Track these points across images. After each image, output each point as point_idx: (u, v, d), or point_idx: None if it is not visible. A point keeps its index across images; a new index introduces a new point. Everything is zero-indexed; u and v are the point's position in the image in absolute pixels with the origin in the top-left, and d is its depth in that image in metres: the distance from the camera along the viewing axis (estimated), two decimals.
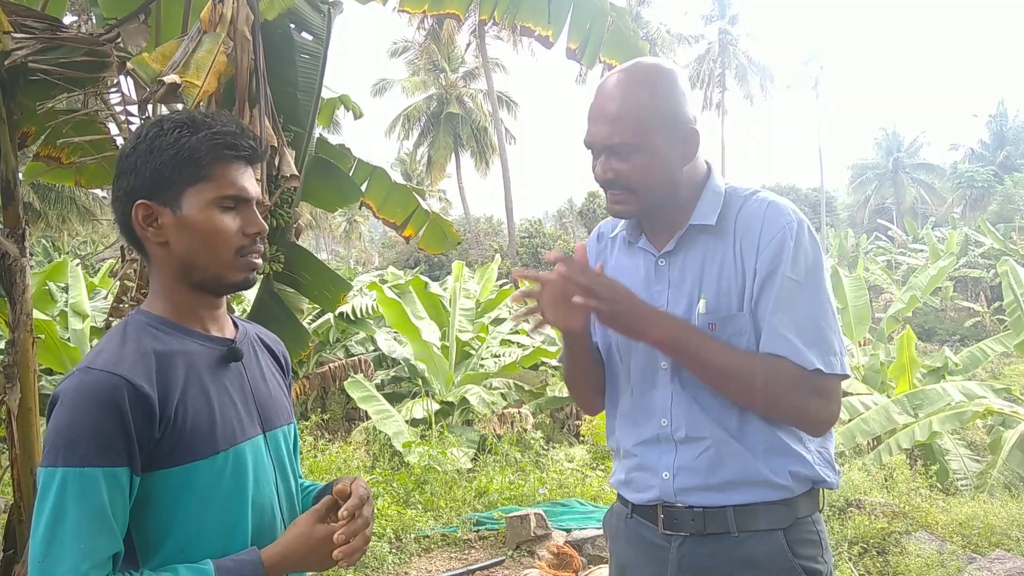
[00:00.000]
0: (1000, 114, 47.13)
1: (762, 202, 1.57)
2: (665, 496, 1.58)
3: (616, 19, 3.95)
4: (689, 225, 1.58)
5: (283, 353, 1.53)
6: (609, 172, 1.55)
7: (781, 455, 1.53)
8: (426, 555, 5.01)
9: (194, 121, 1.26)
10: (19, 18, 2.89)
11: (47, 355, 8.88)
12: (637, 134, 1.50)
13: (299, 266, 3.47)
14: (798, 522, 1.54)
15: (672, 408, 1.59)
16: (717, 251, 1.56)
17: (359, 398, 9.61)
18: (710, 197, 1.59)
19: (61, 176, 3.76)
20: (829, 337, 1.49)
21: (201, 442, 1.20)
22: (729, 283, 1.53)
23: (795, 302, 1.49)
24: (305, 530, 1.26)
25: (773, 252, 1.50)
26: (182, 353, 1.24)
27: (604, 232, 1.83)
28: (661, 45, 41.76)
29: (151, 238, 1.25)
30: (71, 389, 1.14)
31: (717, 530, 1.54)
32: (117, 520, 1.13)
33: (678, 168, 1.56)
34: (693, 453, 1.56)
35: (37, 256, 19.36)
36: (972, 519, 5.40)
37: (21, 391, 3.05)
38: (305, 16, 3.27)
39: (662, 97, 1.52)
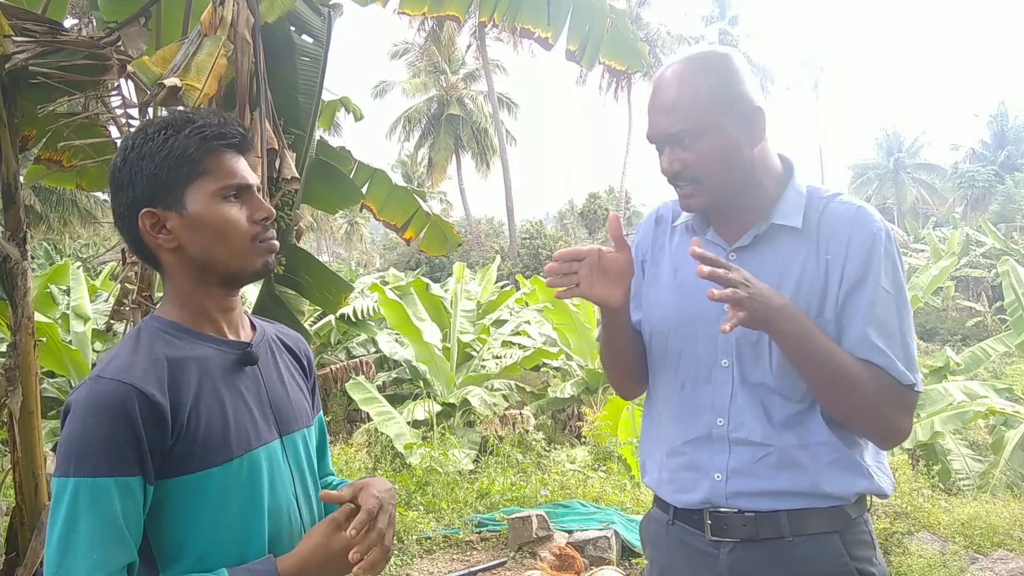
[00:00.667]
0: (1001, 114, 47.06)
1: (850, 206, 1.50)
2: (715, 498, 1.50)
3: (616, 20, 3.95)
4: (771, 223, 1.51)
5: (304, 351, 1.49)
6: (675, 163, 1.49)
7: (846, 470, 1.46)
8: (428, 557, 5.00)
9: (177, 121, 1.24)
10: (20, 22, 2.90)
11: (49, 358, 8.88)
12: (698, 118, 1.44)
13: (300, 268, 3.47)
14: (852, 523, 1.48)
15: (731, 408, 1.51)
16: (798, 253, 1.49)
17: (360, 400, 9.61)
18: (793, 197, 1.52)
19: (62, 179, 3.77)
20: (914, 355, 1.46)
21: (215, 449, 1.19)
22: (810, 287, 1.47)
23: (888, 314, 1.44)
24: (323, 540, 1.23)
25: (863, 259, 1.44)
26: (195, 359, 1.22)
27: (664, 216, 1.73)
28: (661, 46, 41.73)
29: (163, 245, 1.23)
30: (82, 399, 1.13)
31: (770, 535, 1.47)
32: (131, 530, 1.12)
33: (747, 150, 1.48)
34: (750, 457, 1.49)
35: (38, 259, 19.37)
36: (974, 519, 5.39)
37: (23, 394, 3.05)
38: (305, 19, 3.28)
39: (719, 78, 1.46)
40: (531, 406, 12.20)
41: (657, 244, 1.69)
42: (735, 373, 1.51)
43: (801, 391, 1.47)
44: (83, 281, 10.84)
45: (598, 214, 40.40)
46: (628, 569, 4.76)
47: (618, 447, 8.47)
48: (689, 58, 1.51)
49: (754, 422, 1.49)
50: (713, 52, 1.51)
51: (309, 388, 1.47)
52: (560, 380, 13.56)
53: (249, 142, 1.30)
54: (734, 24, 45.36)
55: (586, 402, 12.54)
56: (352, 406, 11.41)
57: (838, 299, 1.45)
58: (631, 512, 5.68)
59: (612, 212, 1.62)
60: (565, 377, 13.54)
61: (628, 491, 6.41)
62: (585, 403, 12.53)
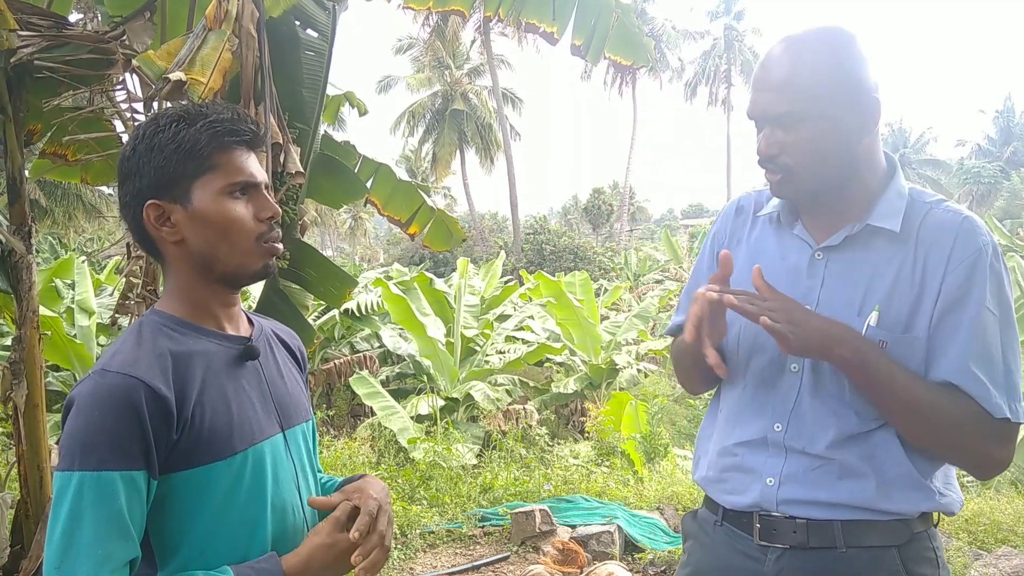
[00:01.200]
0: (1007, 110, 46.91)
1: (956, 214, 1.39)
2: (765, 503, 1.43)
3: (621, 15, 3.94)
4: (866, 225, 1.40)
5: (299, 347, 1.50)
6: (773, 146, 1.38)
7: (909, 489, 1.37)
8: (431, 551, 5.02)
9: (189, 113, 1.23)
10: (25, 16, 2.90)
11: (53, 352, 8.91)
12: (807, 100, 1.33)
13: (304, 263, 3.48)
14: (914, 538, 1.38)
15: (792, 414, 1.42)
16: (894, 260, 1.38)
17: (364, 394, 9.64)
18: (894, 198, 1.41)
19: (67, 173, 3.77)
20: (1017, 382, 1.34)
21: (219, 443, 1.18)
22: (902, 298, 1.36)
23: (990, 338, 1.33)
24: (327, 540, 1.24)
25: (965, 275, 1.33)
26: (198, 353, 1.22)
27: (745, 206, 1.61)
28: (667, 41, 41.69)
29: (166, 238, 1.23)
30: (87, 392, 1.12)
31: (822, 544, 1.38)
32: (134, 524, 1.11)
33: (855, 142, 1.37)
34: (807, 465, 1.40)
35: (43, 253, 19.43)
36: (978, 515, 5.38)
37: (27, 387, 3.06)
38: (310, 13, 3.27)
39: (837, 58, 1.34)
40: (534, 401, 12.22)
41: (735, 237, 1.60)
42: (804, 380, 1.43)
43: (878, 410, 1.40)
44: (88, 275, 10.87)
45: (602, 209, 40.37)
46: (631, 564, 4.77)
47: (621, 442, 8.48)
48: (806, 33, 1.39)
49: (818, 433, 1.40)
50: (834, 29, 1.38)
51: (304, 383, 1.47)
52: (563, 375, 13.57)
53: (260, 139, 1.30)
54: (740, 19, 45.26)
55: (589, 397, 12.56)
56: (356, 400, 11.45)
57: (932, 316, 1.35)
58: (634, 507, 5.68)
59: (724, 251, 1.43)
60: (568, 372, 13.55)
61: (631, 486, 6.41)
62: (588, 398, 12.55)
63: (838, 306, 1.40)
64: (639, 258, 29.63)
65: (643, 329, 14.05)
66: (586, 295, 14.00)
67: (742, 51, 45.85)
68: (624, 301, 21.15)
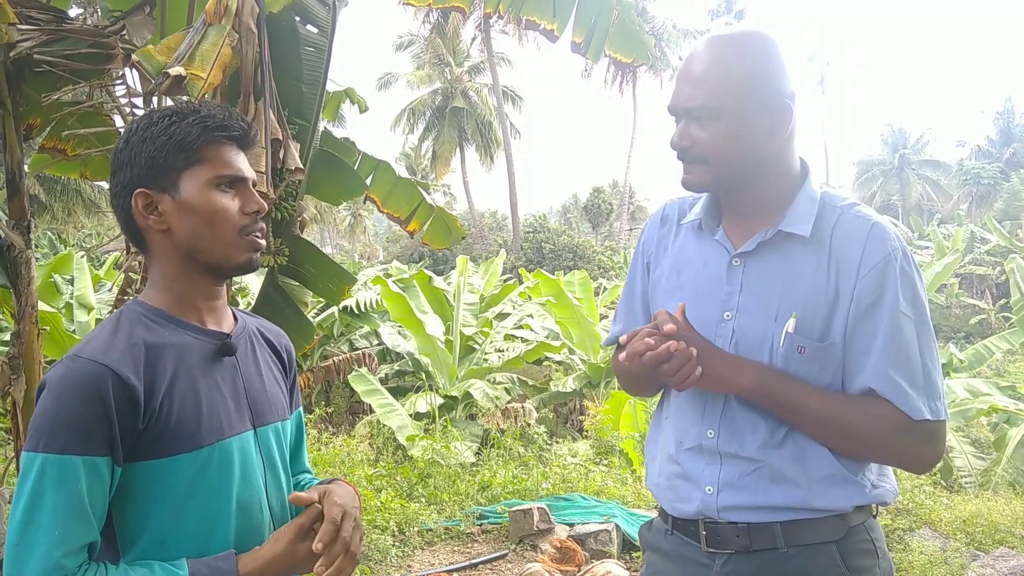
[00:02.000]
0: (1007, 111, 46.93)
1: (864, 220, 1.41)
2: (707, 511, 1.47)
3: (621, 13, 3.94)
4: (778, 230, 1.42)
5: (286, 347, 1.51)
6: (685, 139, 1.41)
7: (841, 484, 1.41)
8: (429, 548, 5.02)
9: (182, 109, 1.27)
10: (24, 10, 2.89)
11: (52, 347, 8.89)
12: (719, 98, 1.36)
13: (304, 259, 3.47)
14: (851, 531, 1.43)
15: (722, 420, 1.46)
16: (806, 266, 1.41)
17: (363, 392, 9.64)
18: (804, 203, 1.43)
19: (66, 168, 3.76)
20: (936, 380, 1.38)
21: (185, 435, 1.20)
22: (817, 304, 1.39)
23: (906, 341, 1.36)
24: (287, 548, 1.24)
25: (876, 280, 1.36)
26: (173, 345, 1.24)
27: (670, 215, 1.64)
28: (667, 40, 41.62)
29: (153, 227, 1.25)
30: (58, 376, 1.15)
31: (764, 546, 1.43)
32: (95, 510, 1.13)
33: (763, 144, 1.40)
34: (741, 470, 1.44)
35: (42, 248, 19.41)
36: (976, 516, 5.39)
37: (26, 382, 3.06)
38: (310, 9, 3.27)
39: (752, 62, 1.37)
40: (533, 399, 12.22)
41: (661, 245, 1.63)
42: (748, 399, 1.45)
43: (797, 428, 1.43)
44: (87, 271, 10.88)
45: (602, 208, 40.37)
46: (629, 563, 4.77)
47: (620, 441, 8.49)
48: (728, 34, 1.43)
49: (747, 437, 1.44)
50: (755, 33, 1.42)
51: (288, 384, 1.47)
52: (562, 374, 13.58)
53: (251, 138, 1.32)
54: (740, 18, 45.23)
55: (588, 396, 12.55)
56: (355, 398, 11.45)
57: (847, 322, 1.38)
58: (632, 506, 5.68)
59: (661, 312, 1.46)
60: (567, 371, 13.56)
61: (629, 485, 6.42)
62: (587, 397, 12.55)
63: (756, 312, 1.43)
64: None
65: None
66: (585, 294, 14.00)
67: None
68: None
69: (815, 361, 1.39)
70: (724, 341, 1.45)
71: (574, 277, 15.14)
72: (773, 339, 1.41)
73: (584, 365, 13.04)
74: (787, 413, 1.40)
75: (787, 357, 1.40)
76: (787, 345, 1.39)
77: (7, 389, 3.06)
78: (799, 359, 1.40)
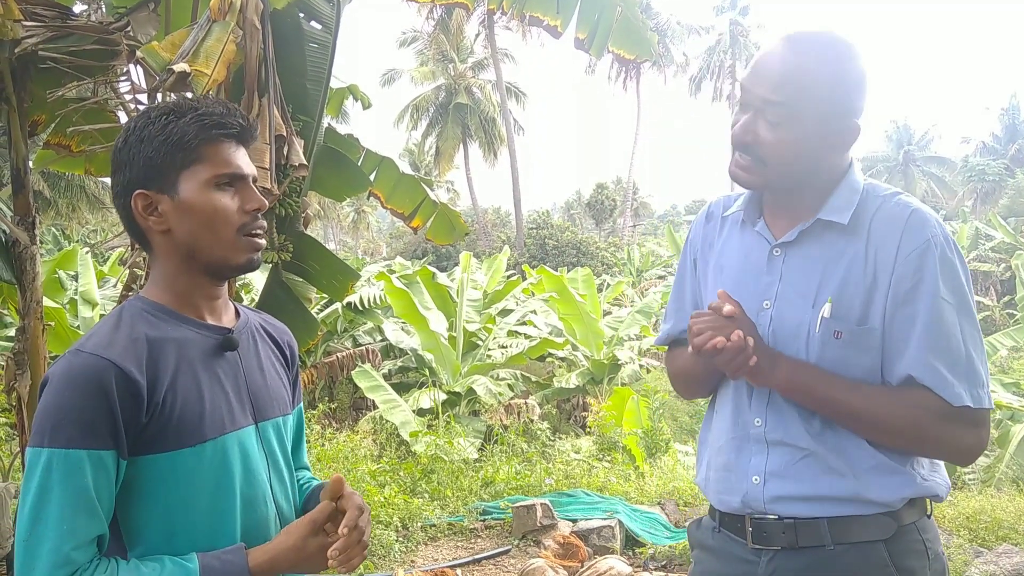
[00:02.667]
0: (1012, 107, 46.71)
1: (905, 206, 1.40)
2: (753, 503, 1.46)
3: (625, 9, 3.94)
4: (816, 219, 1.43)
5: (288, 343, 1.50)
6: (749, 134, 1.40)
7: (888, 474, 1.39)
8: (432, 544, 5.03)
9: (180, 107, 1.26)
10: (30, 6, 2.90)
11: (57, 342, 8.91)
12: (798, 104, 1.34)
13: (308, 255, 3.48)
14: (901, 531, 1.39)
15: (768, 409, 1.45)
16: (845, 253, 1.40)
17: (366, 388, 9.65)
18: (846, 192, 1.43)
19: (71, 164, 3.77)
20: (979, 368, 1.36)
21: (188, 430, 1.20)
22: (855, 290, 1.38)
23: (947, 328, 1.34)
24: (298, 543, 1.24)
25: (915, 266, 1.35)
26: (175, 340, 1.24)
27: (714, 212, 1.65)
28: (671, 36, 41.56)
29: (153, 227, 1.25)
30: (60, 371, 1.15)
31: (810, 543, 1.41)
32: (102, 503, 1.13)
33: (823, 158, 1.40)
34: (788, 459, 1.43)
35: (47, 244, 19.46)
36: (979, 513, 5.39)
37: (31, 378, 3.07)
38: (314, 5, 3.27)
39: (836, 76, 1.35)
40: (536, 396, 12.23)
41: (707, 242, 1.64)
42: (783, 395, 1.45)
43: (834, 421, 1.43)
44: (91, 267, 10.90)
45: (605, 205, 40.34)
46: (632, 559, 4.78)
47: (623, 437, 8.49)
48: (819, 37, 1.38)
49: (793, 424, 1.43)
50: (842, 41, 1.38)
51: (291, 379, 1.48)
52: (565, 370, 13.58)
53: (249, 134, 1.31)
54: (745, 14, 45.09)
55: (591, 392, 12.56)
56: (358, 394, 11.46)
57: (886, 308, 1.37)
58: (635, 502, 5.69)
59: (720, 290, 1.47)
60: (571, 367, 13.56)
61: (632, 481, 6.43)
62: (590, 393, 12.56)
63: (794, 299, 1.43)
64: (642, 254, 29.61)
65: (645, 325, 14.05)
66: (588, 290, 14.00)
67: (747, 46, 45.64)
68: (626, 296, 21.15)
69: (852, 346, 1.38)
70: (762, 329, 1.45)
71: (577, 274, 15.14)
72: (810, 325, 1.40)
73: (587, 361, 13.05)
74: (821, 407, 1.40)
75: (824, 343, 1.39)
76: (823, 330, 1.39)
77: (12, 384, 3.07)
78: (836, 344, 1.39)
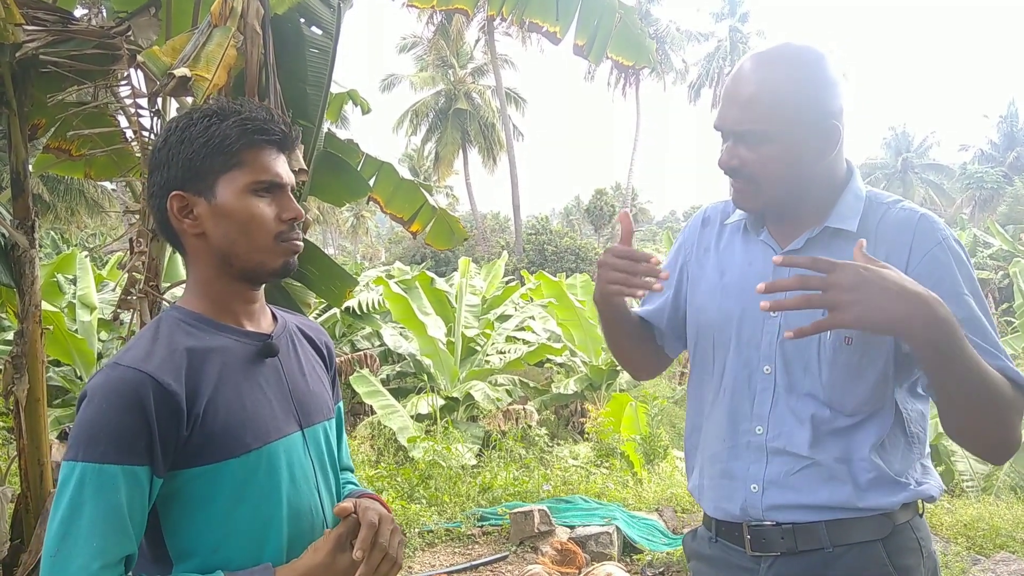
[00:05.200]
0: (1010, 115, 46.84)
1: (912, 211, 1.43)
2: (751, 511, 1.46)
3: (624, 16, 3.95)
4: (824, 227, 1.44)
5: (326, 343, 1.49)
6: (734, 160, 1.43)
7: (886, 486, 1.41)
8: (430, 550, 5.02)
9: (223, 109, 1.24)
10: (30, 10, 2.90)
11: (55, 346, 8.93)
12: (769, 121, 1.37)
13: (306, 260, 3.48)
14: (897, 530, 1.42)
15: (771, 416, 1.45)
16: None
17: (364, 393, 9.64)
18: (851, 200, 1.45)
19: (70, 168, 3.78)
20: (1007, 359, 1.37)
21: (232, 440, 1.18)
22: None
23: (981, 319, 1.35)
24: (325, 559, 1.21)
25: (930, 267, 1.36)
26: (216, 349, 1.22)
27: (711, 217, 1.66)
28: (671, 42, 41.67)
29: (188, 230, 1.23)
30: (98, 385, 1.13)
31: (810, 547, 1.42)
32: (133, 521, 1.11)
33: (811, 164, 1.41)
34: (787, 468, 1.44)
35: (46, 248, 19.44)
36: (977, 521, 5.38)
37: (29, 382, 3.07)
38: (315, 10, 3.28)
39: (803, 83, 1.37)
40: (534, 401, 12.22)
41: (702, 246, 1.65)
42: (778, 380, 1.46)
43: (853, 404, 1.41)
44: (90, 270, 10.89)
45: (604, 210, 40.39)
46: (629, 565, 4.77)
47: (621, 443, 8.49)
48: (775, 53, 1.42)
49: (797, 432, 1.43)
50: (804, 49, 1.41)
51: (330, 379, 1.46)
52: (564, 376, 13.58)
53: (291, 141, 1.30)
54: (744, 21, 45.21)
55: (589, 398, 12.56)
56: (356, 399, 11.44)
57: None
58: (633, 508, 5.68)
59: (623, 209, 1.55)
60: (569, 373, 13.56)
61: (630, 487, 6.42)
62: (588, 399, 12.55)
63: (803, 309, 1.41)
64: None
65: None
66: (587, 296, 13.99)
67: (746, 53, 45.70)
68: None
69: (862, 351, 1.39)
70: (771, 336, 1.46)
71: (576, 279, 15.15)
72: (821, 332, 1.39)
73: (585, 367, 13.04)
74: (962, 368, 1.23)
75: (835, 349, 1.40)
76: (834, 336, 1.40)
77: (10, 388, 3.07)
78: (847, 350, 1.40)
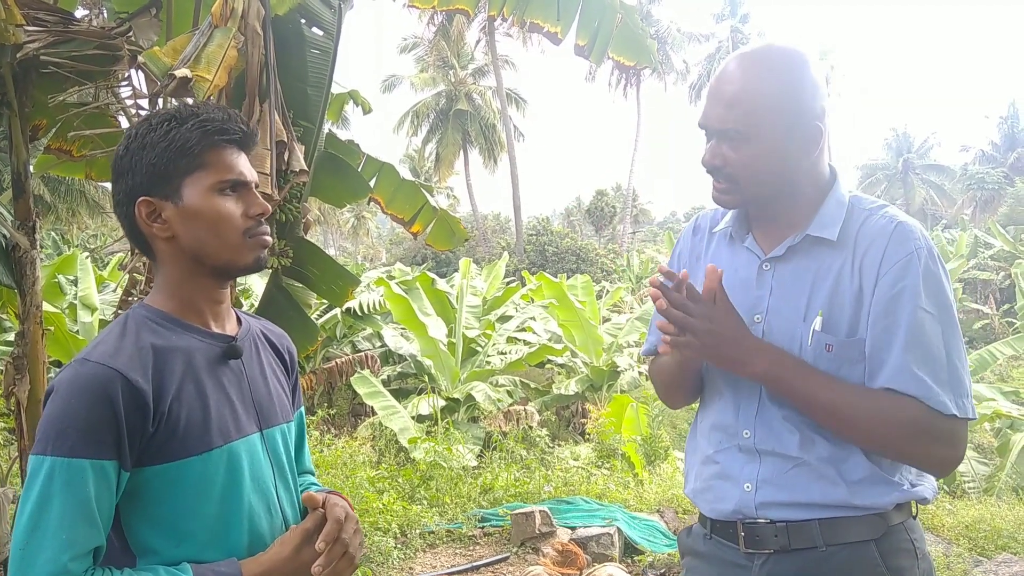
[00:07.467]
0: (1011, 116, 46.81)
1: (890, 220, 1.44)
2: (745, 509, 1.48)
3: (625, 16, 3.95)
4: (806, 235, 1.46)
5: (288, 348, 1.51)
6: (716, 159, 1.45)
7: (876, 485, 1.42)
8: (431, 551, 5.02)
9: (181, 113, 1.26)
10: (32, 11, 2.90)
11: (56, 347, 8.92)
12: (751, 122, 1.39)
13: (307, 261, 3.48)
14: (891, 531, 1.43)
15: (757, 421, 1.48)
16: (832, 266, 1.44)
17: (365, 394, 9.64)
18: (833, 207, 1.47)
19: (71, 169, 3.78)
20: (963, 378, 1.38)
21: (195, 438, 1.20)
22: (843, 302, 1.41)
23: (930, 337, 1.36)
24: (291, 553, 1.25)
25: (896, 277, 1.38)
26: (181, 349, 1.24)
27: (702, 225, 1.69)
28: (672, 43, 41.65)
29: (157, 234, 1.25)
30: (66, 380, 1.15)
31: (803, 545, 1.43)
32: (102, 514, 1.13)
33: (794, 164, 1.43)
34: (779, 468, 1.46)
35: (47, 249, 19.46)
36: (979, 522, 5.37)
37: (30, 382, 3.06)
38: (315, 11, 3.28)
39: (785, 84, 1.40)
40: (535, 402, 12.21)
41: (694, 254, 1.68)
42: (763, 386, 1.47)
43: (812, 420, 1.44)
44: (91, 271, 10.90)
45: (605, 211, 40.41)
46: (631, 566, 4.76)
47: (622, 444, 8.48)
48: (759, 53, 1.45)
49: (785, 435, 1.45)
50: (786, 51, 1.44)
51: (291, 385, 1.48)
52: (565, 377, 13.57)
53: (251, 139, 1.32)
54: (745, 22, 45.17)
55: (590, 399, 12.55)
56: (357, 400, 11.46)
57: (869, 318, 1.40)
58: (634, 509, 5.68)
59: (660, 266, 1.51)
60: (570, 374, 13.55)
61: (631, 488, 6.41)
62: (589, 400, 12.54)
63: (786, 313, 1.46)
64: (641, 260, 29.62)
65: (645, 332, 14.03)
66: (588, 297, 14.01)
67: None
68: (626, 303, 21.16)
69: (843, 358, 1.41)
70: None
71: (577, 280, 15.15)
72: (802, 338, 1.43)
73: (586, 368, 13.04)
74: (799, 402, 1.41)
75: (816, 355, 1.42)
76: (815, 343, 1.42)
77: (11, 389, 3.07)
78: (828, 357, 1.41)
